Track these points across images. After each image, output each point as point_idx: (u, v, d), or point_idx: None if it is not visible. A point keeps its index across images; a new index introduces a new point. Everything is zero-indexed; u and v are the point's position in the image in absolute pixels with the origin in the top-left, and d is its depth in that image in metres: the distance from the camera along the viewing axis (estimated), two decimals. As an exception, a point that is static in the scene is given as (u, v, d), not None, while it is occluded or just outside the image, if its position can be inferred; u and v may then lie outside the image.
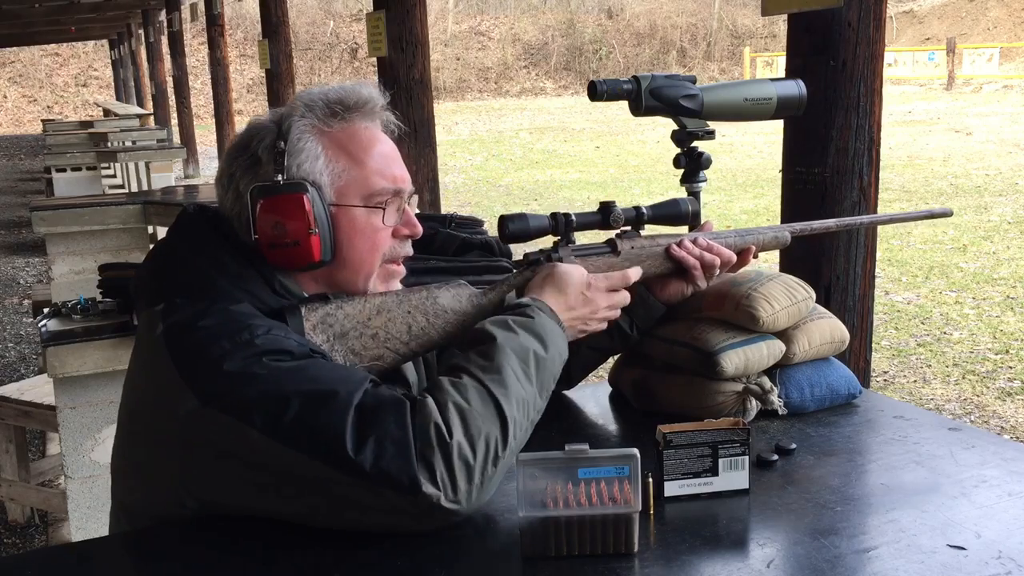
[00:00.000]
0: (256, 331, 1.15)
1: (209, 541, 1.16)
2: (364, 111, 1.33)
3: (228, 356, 1.12)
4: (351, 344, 1.28)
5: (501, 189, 11.98)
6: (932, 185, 10.49)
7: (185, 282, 1.23)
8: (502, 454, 1.13)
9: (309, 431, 1.08)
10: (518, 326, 1.23)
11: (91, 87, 29.67)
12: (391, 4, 4.45)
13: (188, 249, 1.27)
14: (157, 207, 4.20)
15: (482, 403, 1.13)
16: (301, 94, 1.34)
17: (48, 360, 2.56)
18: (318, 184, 1.27)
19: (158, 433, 1.17)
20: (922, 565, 1.06)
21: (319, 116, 1.30)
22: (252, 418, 1.09)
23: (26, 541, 3.39)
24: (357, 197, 1.30)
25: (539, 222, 1.40)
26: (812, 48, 2.34)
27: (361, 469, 1.06)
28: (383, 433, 1.07)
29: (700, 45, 32.42)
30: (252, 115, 19.04)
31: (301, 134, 1.28)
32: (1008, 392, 4.52)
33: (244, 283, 1.24)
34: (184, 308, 1.19)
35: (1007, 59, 23.66)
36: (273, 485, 1.11)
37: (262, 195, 1.25)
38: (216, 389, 1.12)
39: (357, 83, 1.35)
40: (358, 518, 1.10)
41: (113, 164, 10.11)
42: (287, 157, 1.26)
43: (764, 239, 1.58)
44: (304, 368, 1.13)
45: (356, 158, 1.30)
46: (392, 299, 1.31)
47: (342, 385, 1.11)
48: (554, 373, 1.25)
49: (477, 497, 1.11)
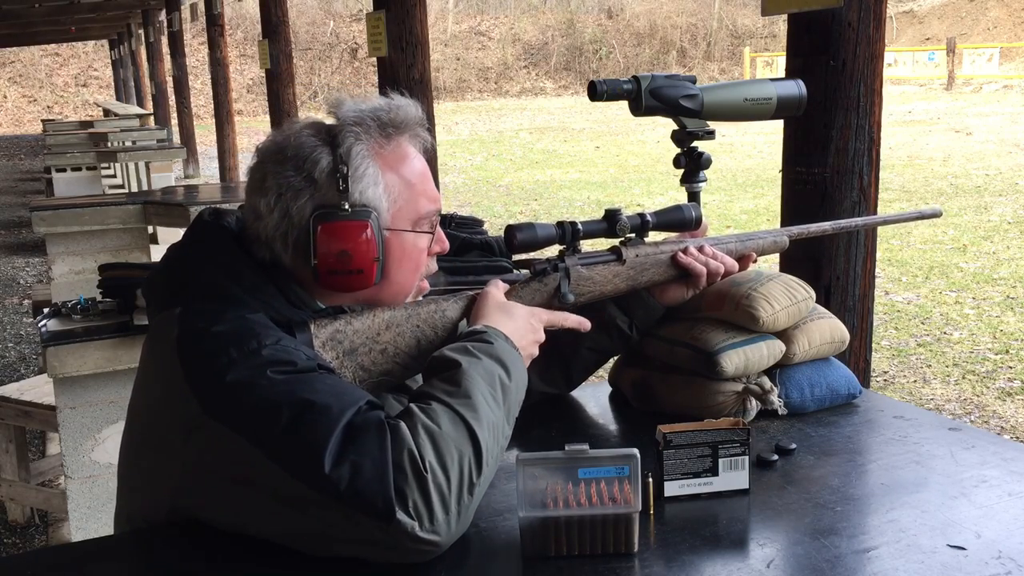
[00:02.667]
0: (265, 340, 1.15)
1: (209, 541, 1.16)
2: (410, 131, 1.32)
3: (233, 365, 1.12)
4: (360, 360, 1.27)
5: (501, 189, 11.98)
6: (932, 185, 10.49)
7: (202, 287, 1.23)
8: (476, 480, 1.10)
9: (292, 444, 1.06)
10: (480, 352, 1.21)
11: (91, 87, 29.67)
12: (391, 4, 4.45)
13: (203, 255, 1.26)
14: (157, 207, 4.20)
15: (453, 427, 1.10)
16: (345, 109, 1.30)
17: (48, 360, 2.56)
18: (378, 210, 1.27)
19: (162, 438, 1.17)
20: (922, 565, 1.06)
21: (374, 137, 1.28)
22: (244, 429, 1.08)
23: (26, 541, 3.39)
24: (408, 221, 1.30)
25: (547, 231, 1.40)
26: (812, 48, 2.34)
27: (335, 489, 1.03)
28: (363, 455, 1.05)
29: (700, 45, 32.42)
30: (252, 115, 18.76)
31: (362, 159, 1.26)
32: (1008, 392, 4.52)
33: (259, 294, 1.23)
34: (201, 313, 1.19)
35: (1007, 59, 23.66)
36: (259, 502, 1.10)
37: (324, 220, 1.23)
38: (217, 399, 1.11)
39: (399, 100, 1.32)
40: (336, 546, 1.08)
41: (113, 164, 10.11)
42: (351, 183, 1.24)
43: (763, 244, 1.59)
44: (304, 381, 1.12)
45: (408, 182, 1.30)
46: (401, 313, 1.31)
47: (336, 401, 1.09)
48: (518, 399, 1.23)
49: (456, 527, 1.08)
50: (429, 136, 1.36)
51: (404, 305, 1.33)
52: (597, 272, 1.44)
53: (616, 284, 1.46)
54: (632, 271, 1.47)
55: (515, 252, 1.43)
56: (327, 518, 1.05)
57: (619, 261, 1.46)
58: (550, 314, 1.38)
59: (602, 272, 1.45)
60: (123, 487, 1.28)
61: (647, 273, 1.48)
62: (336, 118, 1.29)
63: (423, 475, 1.05)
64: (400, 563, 1.07)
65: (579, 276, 1.43)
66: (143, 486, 1.23)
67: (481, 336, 1.25)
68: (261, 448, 1.07)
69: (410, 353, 1.30)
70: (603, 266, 1.45)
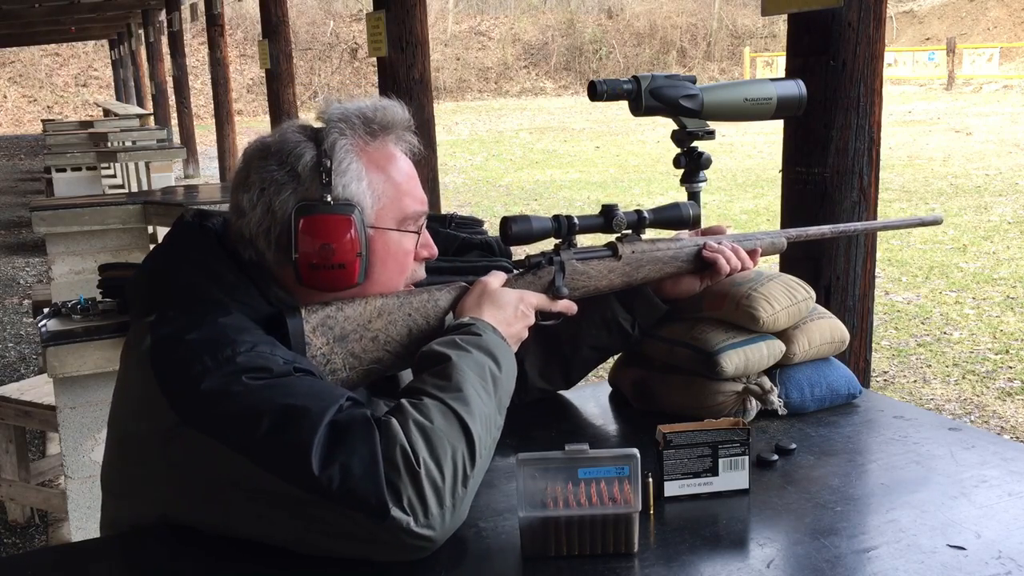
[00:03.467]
0: (239, 347, 1.13)
1: (205, 540, 1.16)
2: (395, 132, 1.31)
3: (208, 374, 1.10)
4: (351, 347, 1.27)
5: (501, 189, 11.98)
6: (932, 185, 10.49)
7: (177, 292, 1.22)
8: (470, 473, 1.10)
9: (277, 448, 1.06)
10: (468, 344, 1.21)
11: (91, 87, 29.67)
12: (391, 4, 4.45)
13: (182, 258, 1.25)
14: (157, 207, 4.20)
15: (445, 421, 1.10)
16: (332, 108, 1.30)
17: (48, 360, 2.56)
18: (361, 206, 1.26)
19: (142, 447, 1.16)
20: (922, 565, 1.06)
21: (359, 134, 1.28)
22: (226, 436, 1.08)
23: (26, 541, 3.39)
24: (392, 220, 1.29)
25: (542, 224, 1.39)
26: (812, 48, 2.34)
27: (326, 489, 1.03)
28: (351, 453, 1.04)
29: (700, 45, 32.42)
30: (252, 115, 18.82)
31: (346, 153, 1.25)
32: (1008, 392, 4.52)
33: (238, 293, 1.22)
34: (174, 320, 1.17)
35: (1007, 59, 23.66)
36: (247, 506, 1.09)
37: (306, 214, 1.23)
38: (193, 407, 1.10)
39: (385, 101, 1.32)
40: (331, 545, 1.07)
41: (113, 164, 10.10)
42: (334, 176, 1.24)
43: (762, 244, 1.59)
44: (281, 385, 1.11)
45: (393, 180, 1.29)
46: (393, 301, 1.30)
47: (316, 402, 1.09)
48: (509, 390, 1.23)
49: (450, 521, 1.08)
50: (416, 140, 1.35)
51: (397, 293, 1.32)
52: (592, 267, 1.44)
53: (611, 280, 1.46)
54: (628, 267, 1.46)
55: (510, 244, 1.43)
56: (322, 517, 1.05)
57: (615, 257, 1.46)
58: (539, 297, 1.38)
59: (597, 267, 1.44)
60: (107, 495, 1.27)
61: (643, 270, 1.48)
62: (323, 119, 1.29)
63: (416, 471, 1.05)
64: (397, 560, 1.07)
65: (574, 270, 1.43)
66: (128, 493, 1.22)
67: (469, 328, 1.25)
68: (246, 454, 1.06)
69: (401, 342, 1.30)
70: (598, 261, 1.45)
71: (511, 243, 1.40)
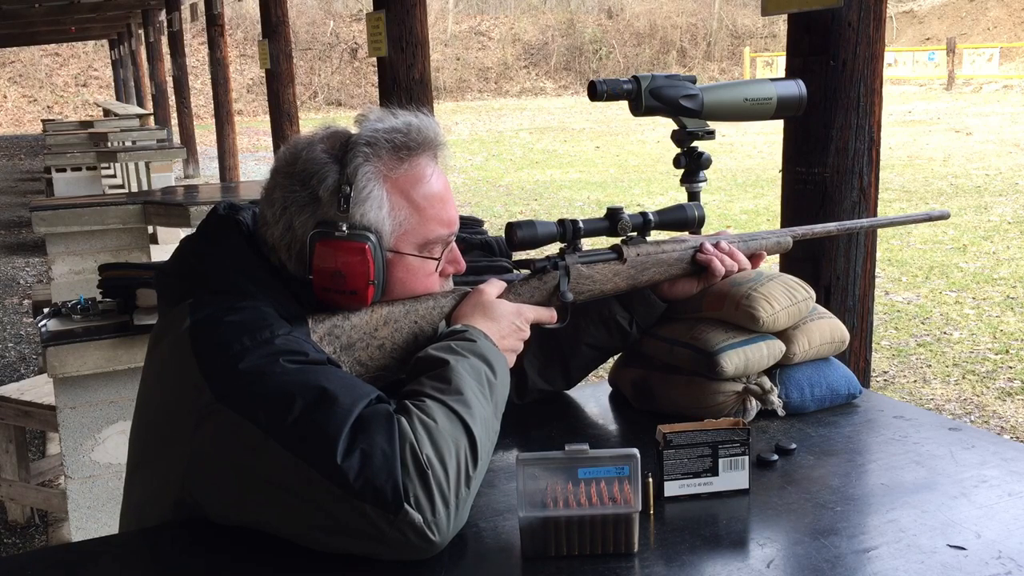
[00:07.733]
0: (277, 330, 1.16)
1: (211, 541, 1.16)
2: (427, 151, 1.32)
3: (246, 353, 1.13)
4: (358, 355, 1.28)
5: (501, 189, 11.98)
6: (932, 185, 10.49)
7: (214, 279, 1.24)
8: (473, 474, 1.11)
9: (305, 432, 1.07)
10: (464, 350, 1.22)
11: (91, 87, 29.66)
12: (391, 4, 4.45)
13: (217, 249, 1.28)
14: (157, 207, 4.20)
15: (449, 422, 1.11)
16: (362, 127, 1.30)
17: (48, 360, 2.56)
18: (379, 232, 1.27)
19: (172, 428, 1.17)
20: (922, 565, 1.06)
21: (384, 160, 1.28)
22: (257, 416, 1.09)
23: (26, 541, 3.39)
24: (413, 246, 1.31)
25: (547, 229, 1.39)
26: (812, 48, 2.34)
27: (345, 478, 1.04)
28: (373, 446, 1.06)
29: (700, 45, 32.42)
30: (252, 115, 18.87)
31: (368, 181, 1.26)
32: (1008, 392, 4.52)
33: (269, 290, 1.24)
34: (212, 302, 1.20)
35: (1007, 59, 23.66)
36: (262, 491, 1.10)
37: (321, 239, 1.25)
38: (230, 386, 1.12)
39: (419, 118, 1.32)
40: (336, 540, 1.08)
41: (113, 164, 10.10)
42: (352, 205, 1.25)
43: (768, 244, 1.59)
44: (316, 371, 1.13)
45: (418, 206, 1.30)
46: (399, 309, 1.31)
47: (348, 393, 1.10)
48: (504, 396, 1.24)
49: (455, 521, 1.08)
50: (450, 152, 1.36)
51: (402, 301, 1.33)
52: (597, 271, 1.44)
53: (616, 283, 1.46)
54: (633, 270, 1.46)
55: (516, 249, 1.43)
56: (332, 510, 1.06)
57: (620, 260, 1.46)
58: (537, 311, 1.39)
59: (602, 271, 1.44)
60: (131, 481, 1.29)
61: (648, 272, 1.48)
62: (354, 137, 1.30)
63: (424, 470, 1.06)
64: (398, 560, 1.07)
65: (579, 274, 1.43)
66: (151, 478, 1.23)
67: (463, 335, 1.26)
68: (273, 435, 1.08)
69: (407, 349, 1.30)
70: (603, 264, 1.45)
71: (517, 248, 1.41)
